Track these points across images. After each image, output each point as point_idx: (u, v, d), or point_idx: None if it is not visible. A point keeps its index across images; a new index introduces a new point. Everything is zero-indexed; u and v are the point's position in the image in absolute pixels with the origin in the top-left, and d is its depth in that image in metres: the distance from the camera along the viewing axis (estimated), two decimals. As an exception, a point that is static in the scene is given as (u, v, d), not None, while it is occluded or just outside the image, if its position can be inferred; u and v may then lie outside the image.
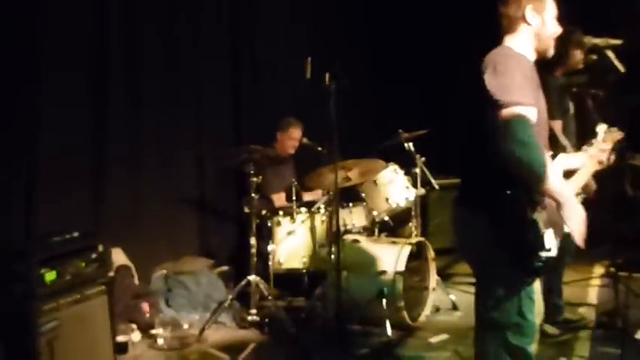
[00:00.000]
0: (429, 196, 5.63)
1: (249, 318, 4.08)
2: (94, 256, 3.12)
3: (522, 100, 2.05)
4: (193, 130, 4.86)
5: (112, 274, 3.28)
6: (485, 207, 2.17)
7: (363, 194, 4.32)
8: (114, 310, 3.23)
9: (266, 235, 4.37)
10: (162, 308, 4.11)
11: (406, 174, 4.44)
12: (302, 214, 4.24)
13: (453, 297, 4.51)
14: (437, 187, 4.81)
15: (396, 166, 4.38)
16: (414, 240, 4.18)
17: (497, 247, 2.13)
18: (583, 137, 3.77)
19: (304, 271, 4.21)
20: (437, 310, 4.37)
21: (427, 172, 4.66)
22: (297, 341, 3.76)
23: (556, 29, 2.34)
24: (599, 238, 5.18)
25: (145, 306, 3.96)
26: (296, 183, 4.40)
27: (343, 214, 4.21)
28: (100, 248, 3.16)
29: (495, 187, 2.11)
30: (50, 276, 2.85)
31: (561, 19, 2.28)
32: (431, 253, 4.27)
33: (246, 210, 4.25)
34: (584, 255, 4.94)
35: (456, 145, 6.52)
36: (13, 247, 3.14)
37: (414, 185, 4.48)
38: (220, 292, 4.36)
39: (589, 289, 4.85)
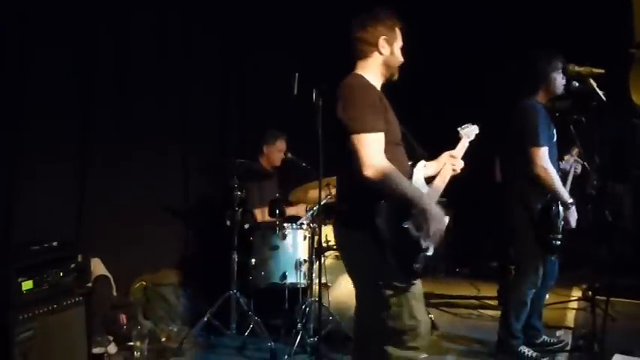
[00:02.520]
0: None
1: (228, 332, 4.04)
2: (72, 266, 3.09)
3: (371, 127, 2.29)
4: (178, 142, 4.84)
5: (90, 284, 3.23)
6: (361, 222, 2.31)
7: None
8: (91, 321, 3.19)
9: (248, 250, 4.35)
10: (140, 320, 4.06)
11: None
12: (284, 229, 4.23)
13: (432, 316, 4.52)
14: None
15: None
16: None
17: (380, 258, 2.27)
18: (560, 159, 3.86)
19: (285, 286, 4.19)
20: (416, 329, 4.38)
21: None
22: (276, 357, 3.74)
23: (401, 59, 2.60)
24: (578, 263, 5.30)
25: (123, 317, 3.90)
26: (279, 197, 4.39)
27: (326, 230, 4.20)
28: (79, 258, 3.14)
29: (366, 202, 2.28)
30: (27, 285, 2.81)
31: (544, 45, 2.34)
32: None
33: (229, 223, 4.23)
34: (563, 279, 5.03)
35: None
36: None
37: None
38: (200, 305, 4.32)
39: (567, 312, 4.90)
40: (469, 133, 3.02)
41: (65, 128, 3.93)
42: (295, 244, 4.22)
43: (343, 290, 3.93)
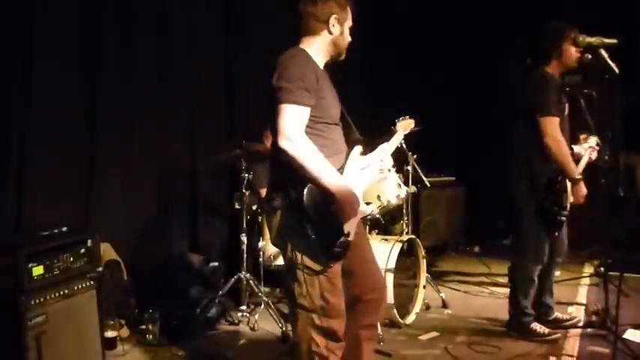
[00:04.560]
0: (421, 193, 5.64)
1: (239, 315, 4.06)
2: (82, 250, 3.09)
3: (297, 100, 2.29)
4: (185, 125, 4.82)
5: (100, 269, 3.24)
6: (286, 203, 2.36)
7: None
8: (102, 306, 3.20)
9: (257, 232, 4.34)
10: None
11: (398, 171, 4.43)
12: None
13: (443, 295, 4.52)
14: (428, 184, 4.81)
15: (389, 164, 4.37)
16: (404, 237, 4.18)
17: (302, 237, 2.31)
18: (574, 138, 3.80)
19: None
20: (427, 307, 4.38)
21: (419, 170, 4.66)
22: (286, 338, 3.75)
23: (349, 39, 2.56)
24: (590, 238, 5.26)
25: (134, 302, 3.93)
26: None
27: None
28: (89, 243, 3.13)
29: (290, 182, 2.32)
30: (38, 270, 2.81)
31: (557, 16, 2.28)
32: (422, 251, 4.27)
33: (237, 206, 4.23)
34: (574, 255, 5.00)
35: (447, 144, 6.61)
36: (1, 240, 3.09)
37: (406, 183, 4.47)
38: (211, 288, 4.33)
39: (579, 288, 4.88)
40: (405, 125, 3.01)
41: (73, 111, 3.92)
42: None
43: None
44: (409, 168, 4.56)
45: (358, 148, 2.55)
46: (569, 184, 3.57)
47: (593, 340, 3.59)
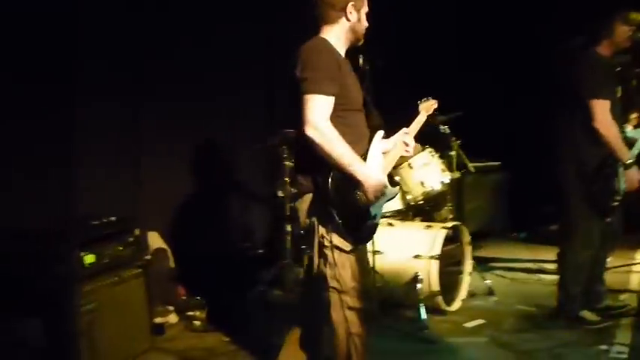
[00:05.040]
0: (465, 179, 5.56)
1: (284, 301, 4.09)
2: (130, 239, 3.18)
3: (322, 89, 2.35)
4: (226, 115, 4.85)
5: (148, 257, 3.32)
6: (312, 188, 2.44)
7: (398, 178, 4.26)
8: (150, 293, 3.28)
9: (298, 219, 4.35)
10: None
11: (441, 157, 4.38)
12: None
13: (488, 282, 4.46)
14: (473, 170, 4.73)
15: (432, 150, 4.32)
16: (449, 224, 4.13)
17: (328, 220, 2.38)
18: (626, 119, 3.67)
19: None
20: (472, 295, 4.32)
21: (463, 155, 4.59)
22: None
23: (366, 24, 2.61)
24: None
25: (181, 289, 4.01)
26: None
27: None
28: (137, 232, 3.21)
29: (315, 167, 2.39)
30: (90, 259, 2.91)
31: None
32: (467, 237, 4.21)
33: (280, 194, 4.25)
34: (627, 240, 4.84)
35: (492, 128, 6.48)
36: (54, 229, 3.20)
37: (450, 169, 4.41)
38: (256, 275, 4.39)
39: (631, 275, 4.73)
40: (427, 107, 3.01)
41: (119, 108, 4.01)
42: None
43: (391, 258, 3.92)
44: (453, 153, 4.50)
45: (380, 133, 2.60)
46: (621, 169, 3.45)
47: (647, 329, 3.49)
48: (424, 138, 4.41)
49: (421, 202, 4.31)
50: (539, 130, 4.62)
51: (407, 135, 2.75)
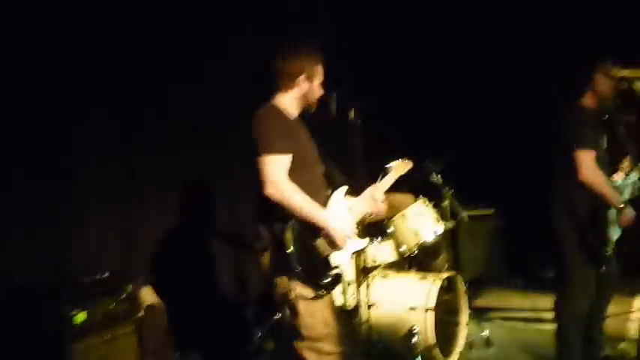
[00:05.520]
0: (459, 226, 5.56)
1: (279, 354, 4.02)
2: (123, 296, 3.15)
3: (276, 149, 2.53)
4: (222, 162, 4.82)
5: (141, 314, 3.28)
6: (271, 236, 2.55)
7: (392, 229, 4.25)
8: (144, 350, 3.23)
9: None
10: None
11: (434, 206, 4.39)
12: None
13: (486, 332, 4.40)
14: (466, 219, 4.73)
15: (425, 199, 4.33)
16: (444, 274, 4.10)
17: (291, 271, 2.45)
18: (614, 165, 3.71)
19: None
20: (470, 346, 4.26)
21: (456, 204, 4.60)
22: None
23: (319, 93, 2.81)
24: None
25: (174, 342, 3.93)
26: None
27: (371, 248, 4.16)
28: (129, 289, 3.19)
29: (274, 216, 2.52)
30: (81, 317, 2.88)
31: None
32: (462, 287, 4.18)
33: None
34: (625, 285, 4.81)
35: (485, 172, 6.50)
36: (44, 285, 3.16)
37: (444, 217, 4.42)
38: (251, 333, 4.32)
39: (629, 323, 4.68)
40: (402, 167, 3.09)
41: (113, 161, 4.02)
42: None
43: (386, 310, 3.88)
44: (446, 203, 4.51)
45: (343, 188, 2.72)
46: (613, 217, 3.46)
47: (648, 379, 3.44)
48: (417, 188, 4.45)
49: (416, 252, 4.30)
50: (531, 176, 4.67)
51: (377, 190, 2.84)
